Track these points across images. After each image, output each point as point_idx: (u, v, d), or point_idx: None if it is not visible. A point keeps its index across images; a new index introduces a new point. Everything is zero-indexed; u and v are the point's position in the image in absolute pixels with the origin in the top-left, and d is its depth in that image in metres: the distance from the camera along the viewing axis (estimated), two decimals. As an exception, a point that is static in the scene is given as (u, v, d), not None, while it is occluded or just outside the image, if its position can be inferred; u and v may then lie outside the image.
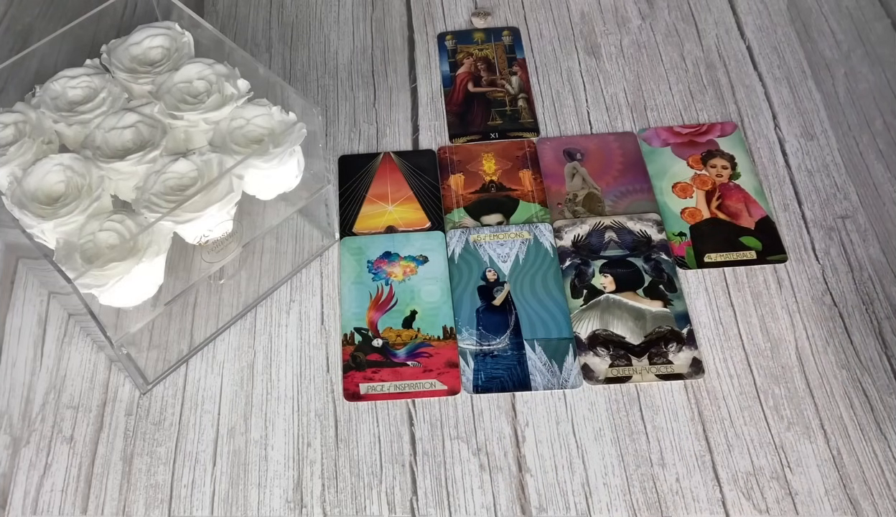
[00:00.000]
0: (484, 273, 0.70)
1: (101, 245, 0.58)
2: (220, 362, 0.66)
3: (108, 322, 0.59)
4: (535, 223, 0.72)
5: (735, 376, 0.64)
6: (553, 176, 0.76)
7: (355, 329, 0.67)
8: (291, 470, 0.61)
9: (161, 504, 0.60)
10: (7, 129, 0.62)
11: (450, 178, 0.76)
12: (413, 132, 0.79)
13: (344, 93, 0.82)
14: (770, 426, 0.62)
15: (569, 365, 0.65)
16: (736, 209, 0.73)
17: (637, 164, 0.76)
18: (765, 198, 0.73)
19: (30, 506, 0.60)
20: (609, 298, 0.68)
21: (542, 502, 0.59)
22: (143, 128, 0.62)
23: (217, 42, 0.66)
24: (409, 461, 0.61)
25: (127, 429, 0.63)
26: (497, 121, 0.80)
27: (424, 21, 0.88)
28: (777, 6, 0.88)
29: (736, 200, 0.73)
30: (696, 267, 0.70)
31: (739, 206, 0.73)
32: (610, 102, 0.81)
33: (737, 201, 0.73)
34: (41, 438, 0.63)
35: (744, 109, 0.80)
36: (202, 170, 0.60)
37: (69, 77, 0.65)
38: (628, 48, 0.85)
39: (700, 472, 0.60)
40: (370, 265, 0.70)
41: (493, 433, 0.62)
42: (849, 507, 0.58)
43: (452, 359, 0.65)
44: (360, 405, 0.64)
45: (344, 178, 0.76)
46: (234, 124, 0.63)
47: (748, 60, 0.83)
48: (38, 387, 0.65)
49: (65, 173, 0.60)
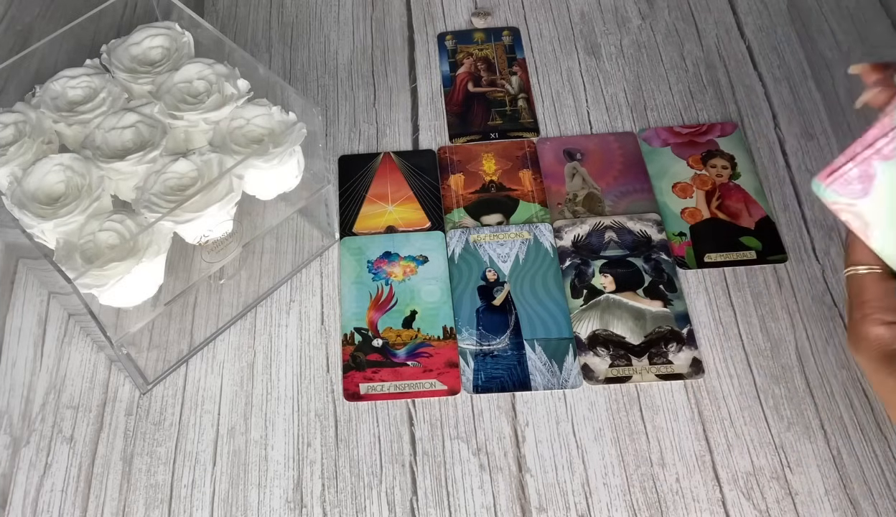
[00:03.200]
0: (484, 273, 0.70)
1: (101, 245, 0.58)
2: (220, 362, 0.66)
3: (108, 322, 0.59)
4: (535, 223, 0.72)
5: (735, 376, 0.64)
6: (553, 176, 0.76)
7: (355, 329, 0.67)
8: (291, 470, 0.61)
9: (161, 504, 0.60)
10: (7, 129, 0.62)
11: (450, 178, 0.76)
12: (413, 132, 0.79)
13: (344, 93, 0.82)
14: (770, 426, 0.62)
15: (569, 365, 0.65)
16: (736, 209, 0.73)
17: (637, 164, 0.76)
18: (765, 198, 0.73)
19: (30, 506, 0.60)
20: (609, 298, 0.68)
21: (542, 502, 0.59)
22: (143, 128, 0.62)
23: (217, 42, 0.66)
24: (409, 461, 0.61)
25: (127, 429, 0.63)
26: (497, 121, 0.80)
27: (424, 21, 0.88)
28: (777, 6, 0.88)
29: (736, 200, 0.73)
30: (696, 267, 0.70)
31: (739, 206, 0.73)
32: (610, 102, 0.81)
33: (737, 201, 0.73)
34: (41, 438, 0.63)
35: (744, 109, 0.80)
36: (202, 170, 0.60)
37: (69, 77, 0.65)
38: (628, 48, 0.85)
39: (700, 472, 0.60)
40: (370, 265, 0.70)
41: (493, 433, 0.62)
42: (849, 507, 0.58)
43: (452, 359, 0.65)
44: (360, 405, 0.64)
45: (344, 178, 0.76)
46: (234, 124, 0.63)
47: (748, 60, 0.83)
48: (38, 387, 0.65)
49: (65, 173, 0.60)
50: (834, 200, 0.55)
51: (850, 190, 0.55)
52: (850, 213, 0.55)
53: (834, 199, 0.55)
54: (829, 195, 0.55)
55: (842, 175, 0.55)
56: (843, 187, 0.55)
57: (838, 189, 0.55)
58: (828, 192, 0.55)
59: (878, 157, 0.54)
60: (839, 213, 0.56)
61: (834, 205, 0.55)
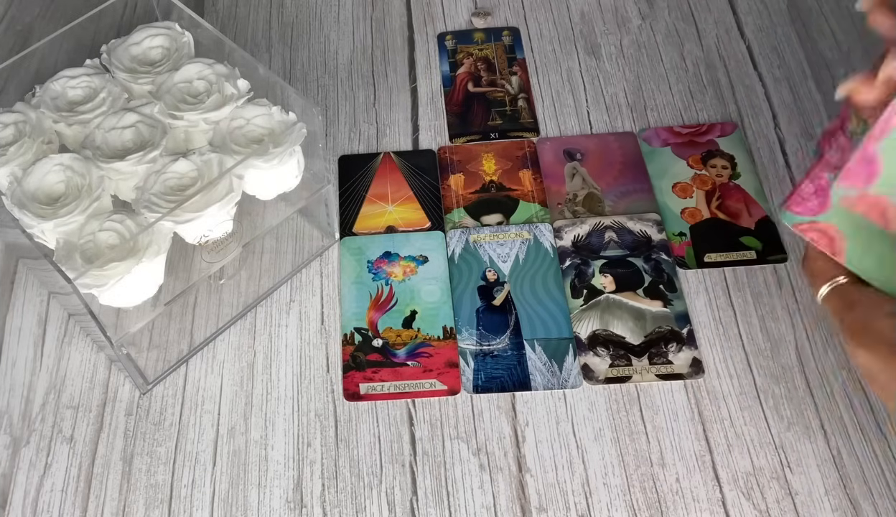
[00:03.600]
0: (484, 273, 0.70)
1: (101, 245, 0.58)
2: (220, 362, 0.66)
3: (108, 322, 0.59)
4: (535, 223, 0.72)
5: (735, 376, 0.64)
6: (553, 176, 0.76)
7: (355, 329, 0.67)
8: (291, 470, 0.61)
9: (161, 504, 0.60)
10: (7, 129, 0.62)
11: (450, 178, 0.76)
12: (413, 132, 0.79)
13: (344, 93, 0.82)
14: (770, 426, 0.62)
15: (569, 365, 0.65)
16: (736, 209, 0.73)
17: (637, 164, 0.76)
18: (765, 198, 0.73)
19: (30, 506, 0.60)
20: (609, 298, 0.68)
21: (542, 502, 0.59)
22: (143, 128, 0.62)
23: (217, 42, 0.66)
24: (409, 461, 0.61)
25: (127, 429, 0.63)
26: (497, 121, 0.80)
27: (424, 21, 0.88)
28: (777, 6, 0.88)
29: (736, 200, 0.73)
30: (696, 267, 0.70)
31: (739, 206, 0.73)
32: (610, 102, 0.81)
33: (737, 201, 0.73)
34: (41, 438, 0.63)
35: (744, 109, 0.80)
36: (202, 170, 0.60)
37: (69, 77, 0.65)
38: (628, 48, 0.85)
39: (700, 472, 0.60)
40: (370, 265, 0.70)
41: (493, 433, 0.62)
42: (849, 507, 0.58)
43: (452, 359, 0.65)
44: (360, 405, 0.64)
45: (344, 178, 0.76)
46: (234, 124, 0.63)
47: (748, 60, 0.83)
48: (38, 387, 0.65)
49: (65, 173, 0.60)
50: (797, 222, 0.55)
51: (807, 207, 0.55)
52: (815, 231, 0.55)
53: (796, 221, 0.55)
54: (790, 218, 0.55)
55: (798, 193, 0.55)
56: (801, 205, 0.55)
57: (796, 208, 0.55)
58: (788, 215, 0.55)
59: (828, 168, 0.54)
60: (805, 233, 0.55)
61: (799, 226, 0.55)
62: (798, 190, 0.55)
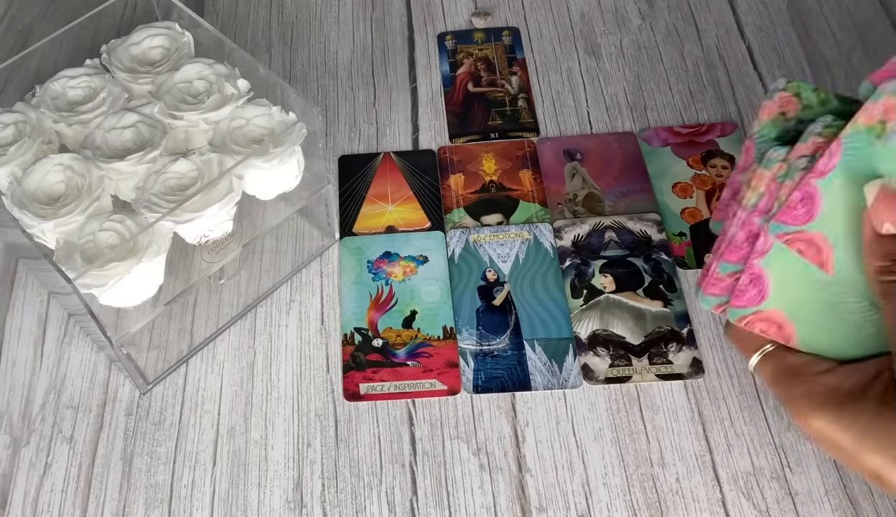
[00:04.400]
0: (484, 273, 0.70)
1: (101, 245, 0.58)
2: (220, 362, 0.66)
3: (108, 322, 0.59)
4: (535, 223, 0.72)
5: (735, 376, 0.64)
6: (553, 176, 0.76)
7: (355, 329, 0.67)
8: (291, 470, 0.61)
9: (161, 504, 0.60)
10: (7, 129, 0.62)
11: (450, 178, 0.76)
12: (413, 132, 0.79)
13: (344, 93, 0.82)
14: (770, 426, 0.62)
15: (569, 365, 0.65)
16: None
17: (637, 164, 0.76)
18: (765, 198, 0.73)
19: (30, 506, 0.60)
20: (609, 298, 0.68)
21: (542, 502, 0.59)
22: (143, 128, 0.62)
23: (217, 42, 0.66)
24: (409, 461, 0.61)
25: (127, 429, 0.63)
26: (497, 121, 0.80)
27: (424, 21, 0.88)
28: (777, 6, 0.88)
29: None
30: (697, 267, 0.70)
31: (739, 206, 0.73)
32: (610, 102, 0.81)
33: (737, 201, 0.73)
34: (41, 438, 0.63)
35: (744, 109, 0.80)
36: (202, 170, 0.60)
37: (69, 77, 0.65)
38: (628, 48, 0.85)
39: (700, 472, 0.60)
40: (370, 265, 0.70)
41: (493, 433, 0.62)
42: (849, 507, 0.58)
43: (452, 359, 0.65)
44: (360, 405, 0.64)
45: (344, 178, 0.76)
46: (234, 124, 0.63)
47: (748, 60, 0.83)
48: (38, 387, 0.65)
49: (65, 173, 0.60)
50: (740, 315, 0.53)
51: (722, 288, 0.53)
52: (762, 321, 0.53)
53: (739, 315, 0.53)
54: (709, 302, 0.54)
55: (708, 275, 0.53)
56: (714, 287, 0.54)
57: (712, 290, 0.53)
58: (706, 299, 0.54)
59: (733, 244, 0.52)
60: (752, 327, 0.53)
61: (742, 321, 0.53)
62: (708, 273, 0.54)
